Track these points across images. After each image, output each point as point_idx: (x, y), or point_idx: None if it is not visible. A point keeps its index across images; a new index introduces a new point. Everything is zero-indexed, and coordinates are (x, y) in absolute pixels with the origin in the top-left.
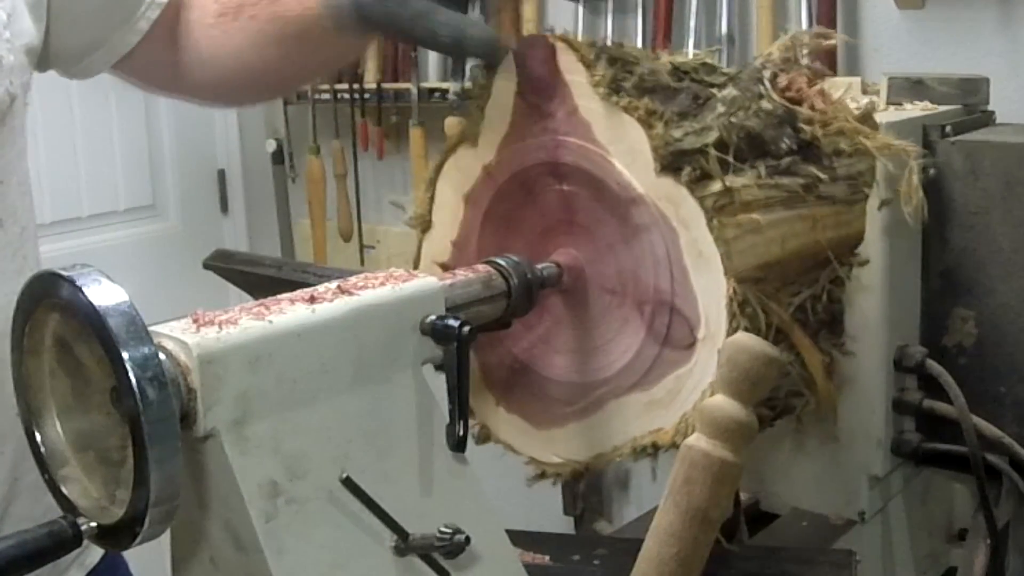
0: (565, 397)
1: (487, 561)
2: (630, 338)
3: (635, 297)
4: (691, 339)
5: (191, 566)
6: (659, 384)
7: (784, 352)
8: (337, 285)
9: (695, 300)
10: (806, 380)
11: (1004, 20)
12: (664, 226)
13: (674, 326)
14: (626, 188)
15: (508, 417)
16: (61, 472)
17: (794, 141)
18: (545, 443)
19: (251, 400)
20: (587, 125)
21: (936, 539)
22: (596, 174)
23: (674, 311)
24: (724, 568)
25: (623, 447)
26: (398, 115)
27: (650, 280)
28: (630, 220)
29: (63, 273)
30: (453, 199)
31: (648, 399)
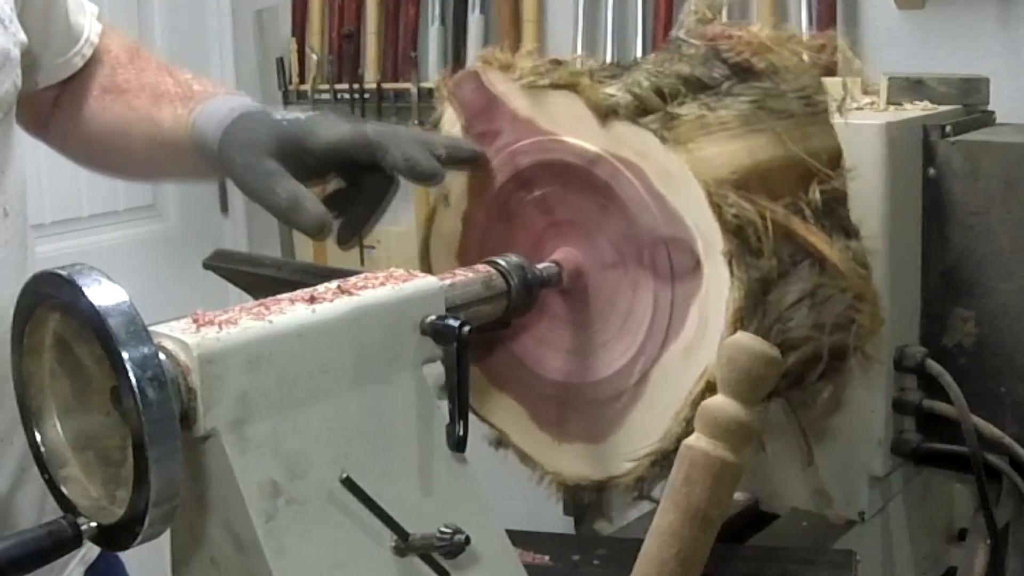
0: (612, 394)
1: (487, 561)
2: (645, 296)
3: (633, 254)
4: (694, 259)
5: (191, 566)
6: (686, 324)
7: (792, 251)
8: (337, 285)
9: (681, 220)
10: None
11: (1004, 20)
12: (627, 168)
13: (675, 256)
14: (582, 154)
15: (572, 448)
16: (61, 472)
17: (726, 69)
18: (613, 455)
19: (251, 400)
20: (529, 121)
21: (936, 539)
22: (553, 158)
23: (668, 242)
24: (724, 568)
25: (683, 408)
26: (398, 115)
27: (637, 227)
28: (598, 182)
29: (63, 273)
30: (447, 263)
31: (683, 346)
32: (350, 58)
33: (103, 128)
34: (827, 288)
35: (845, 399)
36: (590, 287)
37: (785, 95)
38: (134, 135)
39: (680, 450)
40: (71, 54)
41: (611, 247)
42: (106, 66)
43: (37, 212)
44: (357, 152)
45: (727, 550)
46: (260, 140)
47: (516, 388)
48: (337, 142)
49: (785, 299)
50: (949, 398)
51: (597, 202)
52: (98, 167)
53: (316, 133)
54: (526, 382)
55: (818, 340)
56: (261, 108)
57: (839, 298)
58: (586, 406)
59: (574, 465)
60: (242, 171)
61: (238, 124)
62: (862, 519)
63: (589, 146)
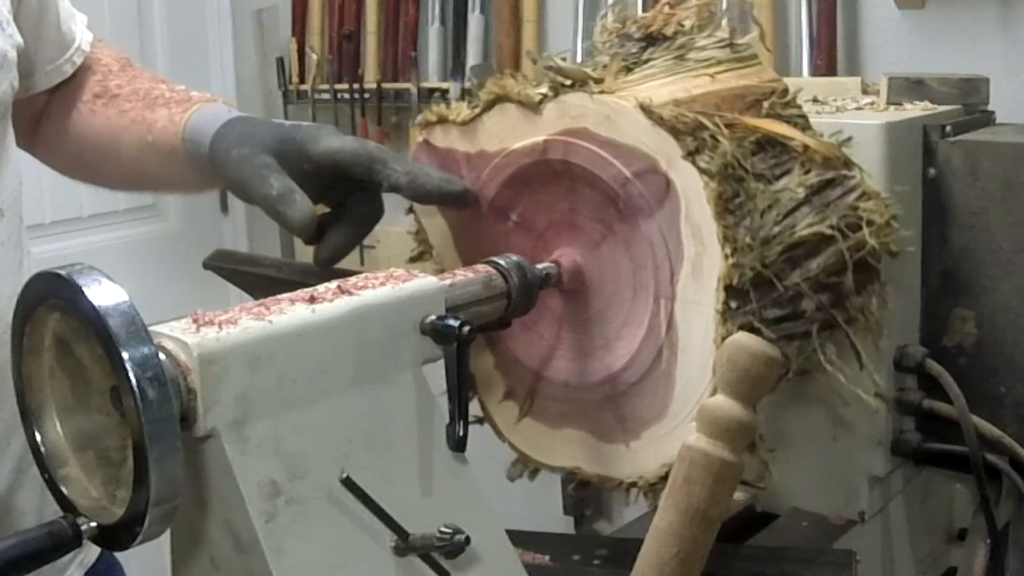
0: (649, 364)
1: (487, 561)
2: (638, 244)
3: (613, 213)
4: (662, 179)
5: (191, 566)
6: (683, 244)
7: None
8: (337, 285)
9: (637, 150)
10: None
11: (1004, 20)
12: (573, 136)
13: (645, 187)
14: (531, 149)
15: (643, 441)
16: (61, 472)
17: (641, 40)
18: (680, 415)
19: (251, 400)
20: (480, 154)
21: (936, 539)
22: (511, 171)
23: (635, 178)
24: (724, 568)
25: (716, 334)
26: (398, 115)
27: (605, 184)
28: (556, 166)
29: (63, 273)
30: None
31: (690, 266)
32: (350, 58)
33: (93, 134)
34: (826, 193)
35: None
36: (591, 276)
37: (705, 48)
38: (124, 140)
39: (680, 450)
40: (61, 60)
41: (594, 222)
42: (97, 74)
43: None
44: (357, 164)
45: (727, 550)
46: (259, 136)
47: (573, 417)
48: (338, 150)
49: (781, 201)
50: (949, 398)
51: (564, 187)
52: (85, 175)
53: (317, 139)
54: (578, 404)
55: (834, 239)
56: (260, 117)
57: (842, 201)
58: (635, 390)
59: (651, 456)
60: (236, 161)
61: (235, 123)
62: (862, 519)
63: (535, 139)
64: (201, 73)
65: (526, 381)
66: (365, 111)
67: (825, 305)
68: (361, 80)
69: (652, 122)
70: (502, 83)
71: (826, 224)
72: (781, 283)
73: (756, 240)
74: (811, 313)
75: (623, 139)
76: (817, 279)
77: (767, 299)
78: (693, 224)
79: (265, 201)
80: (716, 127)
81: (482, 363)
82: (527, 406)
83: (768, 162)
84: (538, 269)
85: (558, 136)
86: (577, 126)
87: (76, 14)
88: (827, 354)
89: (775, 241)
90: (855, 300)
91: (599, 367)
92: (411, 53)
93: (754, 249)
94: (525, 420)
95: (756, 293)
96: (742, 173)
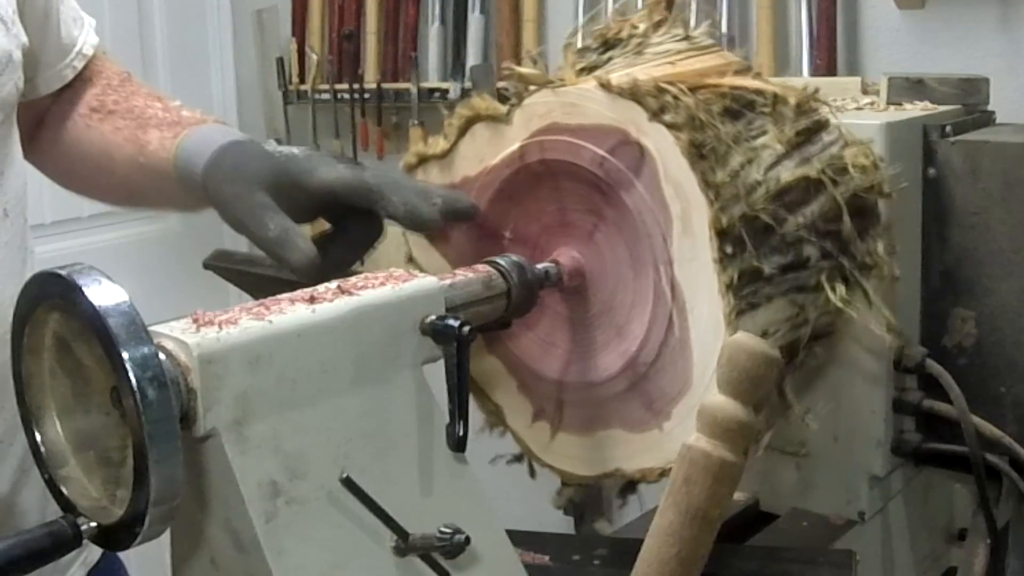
0: (660, 338)
1: (487, 561)
2: (626, 222)
3: (597, 196)
4: (635, 147)
5: (191, 566)
6: (668, 204)
7: (744, 127)
8: (337, 285)
9: (605, 126)
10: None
11: (1004, 20)
12: (545, 134)
13: (621, 159)
14: (509, 160)
15: (675, 421)
16: (61, 472)
17: (598, 48)
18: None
19: (251, 400)
20: (464, 181)
21: (936, 539)
22: (495, 189)
23: (610, 153)
24: (724, 568)
25: (720, 285)
26: (398, 115)
27: (583, 169)
28: (536, 169)
29: (63, 273)
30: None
31: (680, 224)
32: (350, 58)
33: (87, 148)
34: (807, 148)
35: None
36: (592, 268)
37: (663, 43)
38: (117, 157)
39: (680, 450)
40: (61, 65)
41: (583, 213)
42: (96, 87)
43: (37, 212)
44: (355, 196)
45: (727, 550)
46: (252, 171)
47: (602, 417)
48: (335, 182)
49: (762, 156)
50: (949, 398)
51: (548, 188)
52: (79, 187)
53: (313, 172)
54: (604, 402)
55: (823, 185)
56: (251, 139)
57: (824, 153)
58: (655, 368)
59: (686, 433)
60: (231, 199)
61: (228, 152)
62: (862, 519)
63: (511, 148)
64: (201, 73)
65: (551, 394)
66: (365, 111)
67: (830, 251)
68: (361, 80)
69: (614, 95)
70: (470, 104)
71: (811, 168)
72: (778, 227)
73: (740, 188)
74: (816, 261)
75: (590, 120)
76: (815, 226)
77: (765, 245)
78: (674, 182)
79: (263, 244)
80: (678, 89)
81: (505, 389)
82: (557, 420)
83: (741, 126)
84: (538, 268)
85: (531, 139)
86: (546, 123)
87: (84, 18)
88: (837, 292)
89: (761, 188)
90: (860, 246)
91: (616, 356)
92: (411, 53)
93: (739, 197)
94: (558, 437)
95: (751, 236)
96: (709, 120)
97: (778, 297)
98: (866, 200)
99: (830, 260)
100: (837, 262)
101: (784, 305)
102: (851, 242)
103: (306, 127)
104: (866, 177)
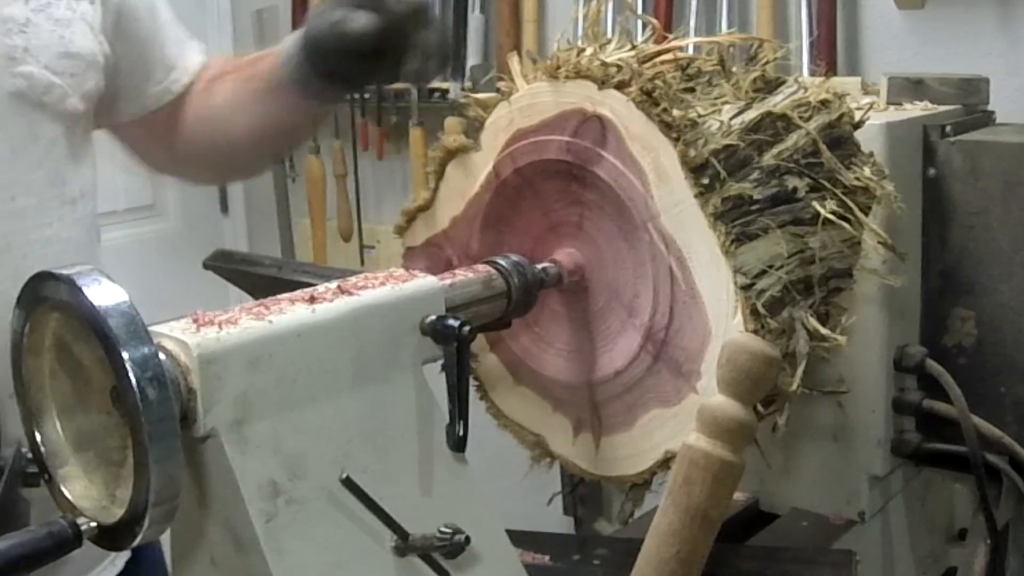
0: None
1: (487, 561)
2: (611, 199)
3: (576, 186)
4: (594, 121)
5: (191, 566)
6: (645, 171)
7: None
8: (337, 285)
9: (563, 112)
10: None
11: (1004, 20)
12: (511, 143)
13: (584, 136)
14: (486, 182)
15: (703, 384)
16: (61, 472)
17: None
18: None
19: (251, 400)
20: (455, 223)
21: (936, 539)
22: (480, 218)
23: (575, 135)
24: (724, 568)
25: (715, 232)
26: (398, 115)
27: (551, 163)
28: (512, 181)
29: (63, 273)
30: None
31: (654, 186)
32: None
33: (217, 109)
34: (768, 99)
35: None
36: (590, 259)
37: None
38: (242, 99)
39: (680, 450)
40: (168, 81)
41: (566, 207)
42: (210, 69)
43: None
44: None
45: (727, 550)
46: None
47: (639, 401)
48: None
49: (724, 110)
50: (949, 398)
51: (529, 197)
52: (222, 158)
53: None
54: (636, 385)
55: (790, 123)
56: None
57: (785, 101)
58: (673, 330)
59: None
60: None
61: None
62: (862, 519)
63: (485, 172)
64: None
65: (585, 401)
66: (365, 111)
67: (817, 179)
68: None
69: (561, 80)
70: (440, 146)
71: (775, 107)
72: (756, 156)
73: (704, 133)
74: (806, 194)
75: (549, 113)
76: (795, 160)
77: (745, 177)
78: (638, 137)
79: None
80: (620, 60)
81: (541, 415)
82: (597, 426)
83: (698, 89)
84: (538, 268)
85: (502, 153)
86: (511, 132)
87: (190, 41)
88: (827, 207)
89: (726, 128)
90: (846, 175)
91: (633, 333)
92: None
93: (706, 138)
94: (602, 443)
95: (726, 167)
96: (655, 72)
97: (775, 229)
98: (841, 130)
99: (821, 192)
100: (826, 189)
101: (785, 238)
102: (836, 171)
103: None
104: (833, 110)
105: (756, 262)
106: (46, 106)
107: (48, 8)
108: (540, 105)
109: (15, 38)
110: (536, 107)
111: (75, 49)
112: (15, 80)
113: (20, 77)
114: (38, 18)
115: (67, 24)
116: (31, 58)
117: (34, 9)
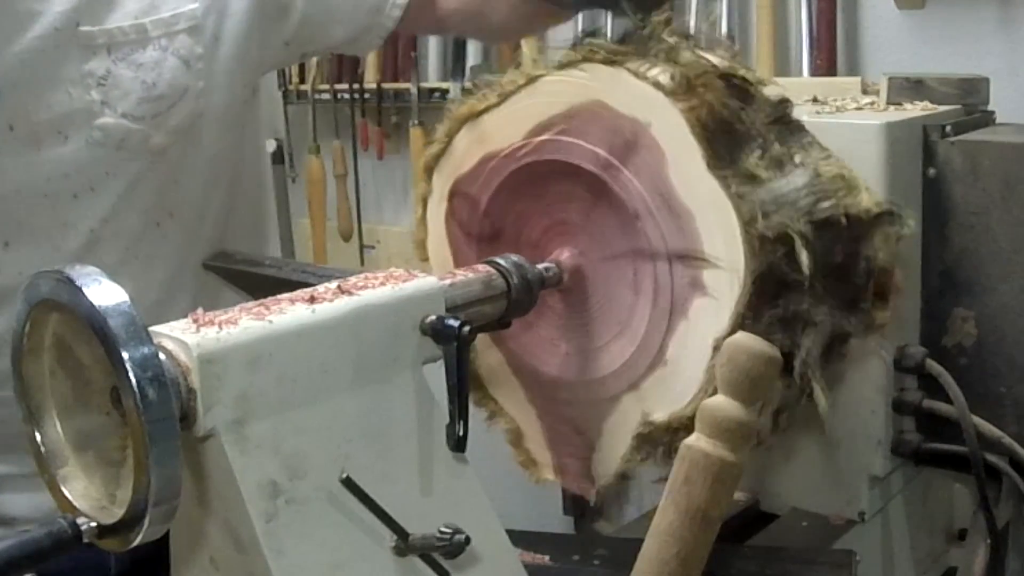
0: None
1: (487, 561)
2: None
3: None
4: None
5: (191, 566)
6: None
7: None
8: (337, 285)
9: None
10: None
11: (1004, 20)
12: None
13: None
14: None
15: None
16: (61, 472)
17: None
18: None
19: (251, 400)
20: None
21: (936, 539)
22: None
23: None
24: (724, 568)
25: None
26: (398, 115)
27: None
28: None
29: (63, 273)
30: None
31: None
32: (350, 58)
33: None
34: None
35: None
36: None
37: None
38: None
39: (680, 450)
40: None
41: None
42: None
43: None
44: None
45: (727, 550)
46: None
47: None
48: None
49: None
50: (949, 398)
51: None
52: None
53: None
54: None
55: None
56: None
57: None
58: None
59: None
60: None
61: None
62: (862, 519)
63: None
64: None
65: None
66: (365, 111)
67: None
68: (361, 80)
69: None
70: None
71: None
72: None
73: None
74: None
75: (521, 111)
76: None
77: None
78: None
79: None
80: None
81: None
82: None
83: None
84: (538, 268)
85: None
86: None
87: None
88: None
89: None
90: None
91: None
92: (411, 53)
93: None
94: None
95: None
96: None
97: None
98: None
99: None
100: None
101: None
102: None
103: (306, 127)
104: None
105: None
106: (124, 149)
107: (132, 55)
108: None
109: (93, 93)
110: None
111: (159, 92)
112: (92, 132)
113: (97, 129)
114: (119, 67)
115: (153, 67)
116: (108, 110)
117: (116, 59)
